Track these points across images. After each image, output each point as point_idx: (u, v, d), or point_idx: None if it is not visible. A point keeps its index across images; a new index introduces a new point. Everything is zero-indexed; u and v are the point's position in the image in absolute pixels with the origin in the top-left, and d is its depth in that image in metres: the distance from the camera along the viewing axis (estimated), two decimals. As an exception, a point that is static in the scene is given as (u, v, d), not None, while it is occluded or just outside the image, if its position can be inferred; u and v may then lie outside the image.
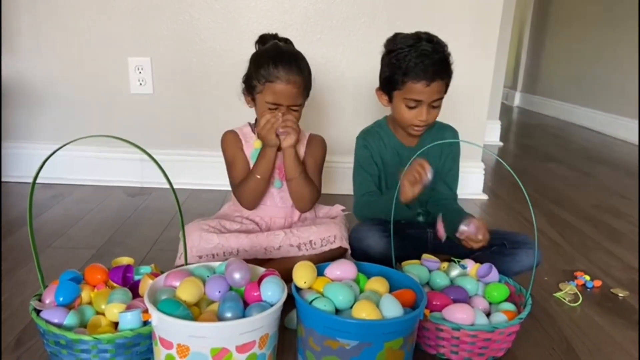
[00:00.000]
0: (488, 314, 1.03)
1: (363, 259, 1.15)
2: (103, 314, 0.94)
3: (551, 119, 4.45)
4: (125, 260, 1.11)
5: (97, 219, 1.68)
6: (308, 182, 1.27)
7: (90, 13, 1.89)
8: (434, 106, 1.24)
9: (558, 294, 1.29)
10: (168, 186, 0.95)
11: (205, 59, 1.93)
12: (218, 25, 1.90)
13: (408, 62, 1.19)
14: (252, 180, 1.25)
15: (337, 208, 1.37)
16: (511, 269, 1.20)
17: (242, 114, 1.36)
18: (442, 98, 1.25)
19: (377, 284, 0.96)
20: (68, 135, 1.10)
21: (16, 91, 1.97)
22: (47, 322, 0.89)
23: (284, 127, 1.19)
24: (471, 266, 1.16)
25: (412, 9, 1.87)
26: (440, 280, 1.12)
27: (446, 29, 1.35)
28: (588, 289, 1.34)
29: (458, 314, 0.97)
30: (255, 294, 0.89)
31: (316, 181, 1.31)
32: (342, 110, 1.97)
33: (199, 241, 1.19)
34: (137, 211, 1.77)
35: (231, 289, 0.92)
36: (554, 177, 2.52)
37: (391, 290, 0.96)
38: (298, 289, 0.94)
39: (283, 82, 1.18)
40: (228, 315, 0.84)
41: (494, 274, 1.12)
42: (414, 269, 1.13)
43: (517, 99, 5.35)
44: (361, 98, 1.92)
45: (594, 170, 2.71)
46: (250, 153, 1.29)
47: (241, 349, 0.81)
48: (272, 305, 0.86)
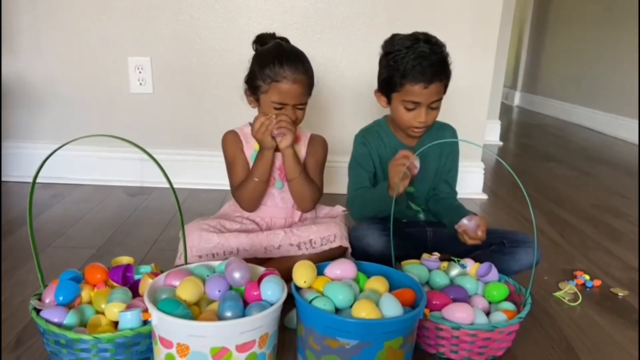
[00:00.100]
0: (488, 313, 1.03)
1: (362, 258, 1.15)
2: (103, 314, 0.94)
3: (551, 119, 4.45)
4: (125, 259, 1.11)
5: (97, 219, 1.68)
6: (309, 182, 1.27)
7: (90, 13, 1.89)
8: (433, 107, 1.23)
9: (558, 294, 1.29)
10: (168, 186, 0.96)
11: (205, 59, 1.94)
12: (218, 25, 1.91)
13: (406, 64, 1.18)
14: (251, 183, 1.25)
15: (338, 209, 1.37)
16: (511, 268, 1.20)
17: (242, 114, 1.36)
18: (441, 99, 1.24)
19: (377, 284, 0.96)
20: (68, 134, 1.10)
21: (16, 91, 1.97)
22: (47, 322, 0.89)
23: (279, 129, 1.19)
24: (471, 265, 1.16)
25: (412, 9, 1.87)
26: (439, 279, 1.12)
27: (446, 29, 1.35)
28: (588, 289, 1.34)
29: (458, 313, 0.97)
30: (255, 293, 0.89)
31: (318, 181, 1.31)
32: (342, 109, 1.98)
33: (199, 241, 1.19)
34: (137, 211, 1.77)
35: (231, 288, 0.92)
36: (554, 177, 2.52)
37: (391, 289, 0.96)
38: (298, 288, 0.94)
39: (289, 82, 1.18)
40: (228, 314, 0.84)
41: (494, 273, 1.12)
42: (414, 269, 1.13)
43: (517, 99, 5.35)
44: (361, 97, 1.92)
45: (594, 170, 2.71)
46: (250, 154, 1.29)
47: (241, 348, 0.81)
48: (272, 304, 0.86)
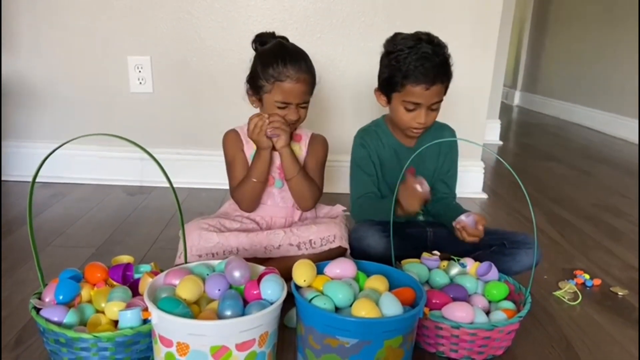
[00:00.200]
0: (487, 313, 1.03)
1: (363, 259, 1.14)
2: (103, 312, 0.94)
3: (551, 118, 4.45)
4: (125, 258, 1.11)
5: (97, 218, 1.68)
6: (308, 181, 1.27)
7: (90, 13, 1.89)
8: (433, 109, 1.23)
9: (558, 293, 1.29)
10: (168, 185, 0.96)
11: (205, 58, 1.93)
12: (218, 24, 1.90)
13: (408, 65, 1.17)
14: (249, 183, 1.25)
15: (338, 208, 1.37)
16: (511, 269, 1.20)
17: (242, 113, 1.36)
18: (442, 100, 1.23)
19: (377, 282, 0.96)
20: (68, 134, 1.10)
21: (16, 91, 1.97)
22: (47, 321, 0.89)
23: (272, 129, 1.19)
24: (471, 265, 1.16)
25: (412, 9, 1.87)
26: (439, 278, 1.12)
27: (446, 29, 1.35)
28: (588, 288, 1.34)
29: (457, 313, 0.97)
30: (254, 292, 0.89)
31: (318, 180, 1.31)
32: (343, 109, 1.98)
33: (199, 240, 1.19)
34: (137, 210, 1.77)
35: (231, 287, 0.92)
36: (554, 176, 2.52)
37: (391, 288, 0.96)
38: (298, 287, 0.94)
39: (293, 81, 1.18)
40: (228, 313, 0.84)
41: (494, 273, 1.12)
42: (414, 268, 1.13)
43: (517, 98, 5.35)
44: (361, 97, 1.92)
45: (594, 169, 2.71)
46: (250, 154, 1.29)
47: (241, 347, 0.81)
48: (272, 303, 0.86)
